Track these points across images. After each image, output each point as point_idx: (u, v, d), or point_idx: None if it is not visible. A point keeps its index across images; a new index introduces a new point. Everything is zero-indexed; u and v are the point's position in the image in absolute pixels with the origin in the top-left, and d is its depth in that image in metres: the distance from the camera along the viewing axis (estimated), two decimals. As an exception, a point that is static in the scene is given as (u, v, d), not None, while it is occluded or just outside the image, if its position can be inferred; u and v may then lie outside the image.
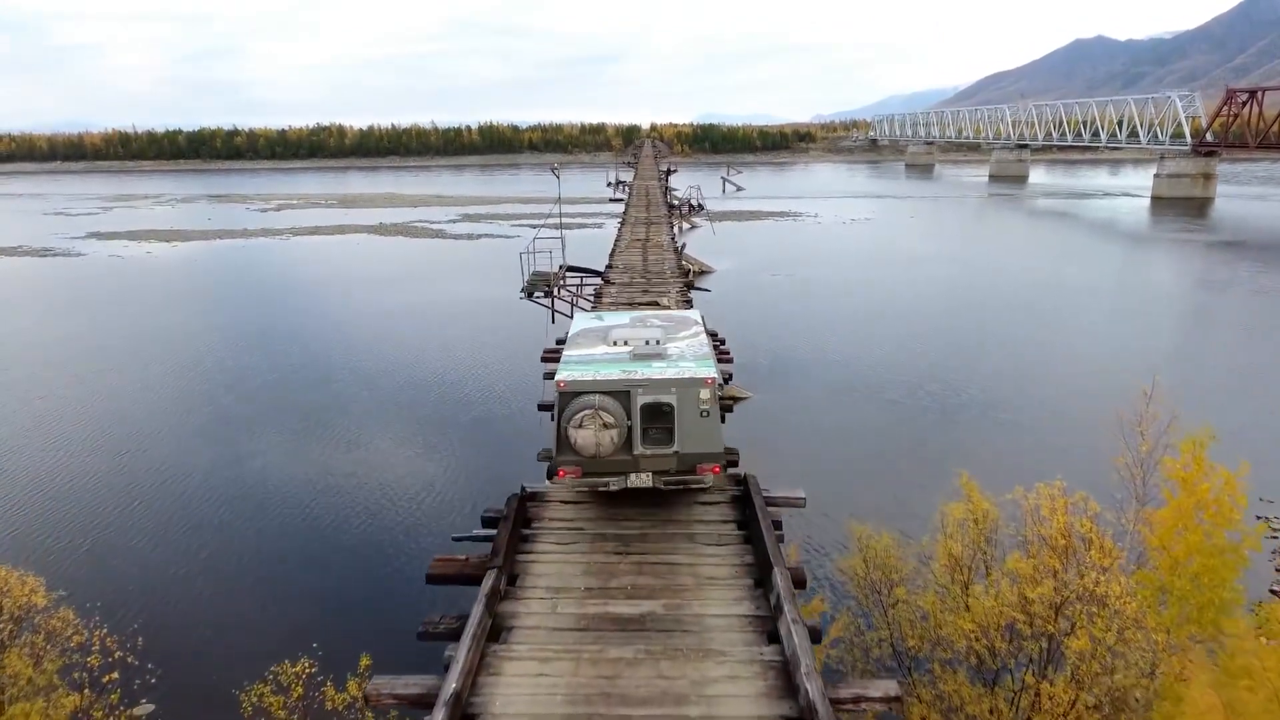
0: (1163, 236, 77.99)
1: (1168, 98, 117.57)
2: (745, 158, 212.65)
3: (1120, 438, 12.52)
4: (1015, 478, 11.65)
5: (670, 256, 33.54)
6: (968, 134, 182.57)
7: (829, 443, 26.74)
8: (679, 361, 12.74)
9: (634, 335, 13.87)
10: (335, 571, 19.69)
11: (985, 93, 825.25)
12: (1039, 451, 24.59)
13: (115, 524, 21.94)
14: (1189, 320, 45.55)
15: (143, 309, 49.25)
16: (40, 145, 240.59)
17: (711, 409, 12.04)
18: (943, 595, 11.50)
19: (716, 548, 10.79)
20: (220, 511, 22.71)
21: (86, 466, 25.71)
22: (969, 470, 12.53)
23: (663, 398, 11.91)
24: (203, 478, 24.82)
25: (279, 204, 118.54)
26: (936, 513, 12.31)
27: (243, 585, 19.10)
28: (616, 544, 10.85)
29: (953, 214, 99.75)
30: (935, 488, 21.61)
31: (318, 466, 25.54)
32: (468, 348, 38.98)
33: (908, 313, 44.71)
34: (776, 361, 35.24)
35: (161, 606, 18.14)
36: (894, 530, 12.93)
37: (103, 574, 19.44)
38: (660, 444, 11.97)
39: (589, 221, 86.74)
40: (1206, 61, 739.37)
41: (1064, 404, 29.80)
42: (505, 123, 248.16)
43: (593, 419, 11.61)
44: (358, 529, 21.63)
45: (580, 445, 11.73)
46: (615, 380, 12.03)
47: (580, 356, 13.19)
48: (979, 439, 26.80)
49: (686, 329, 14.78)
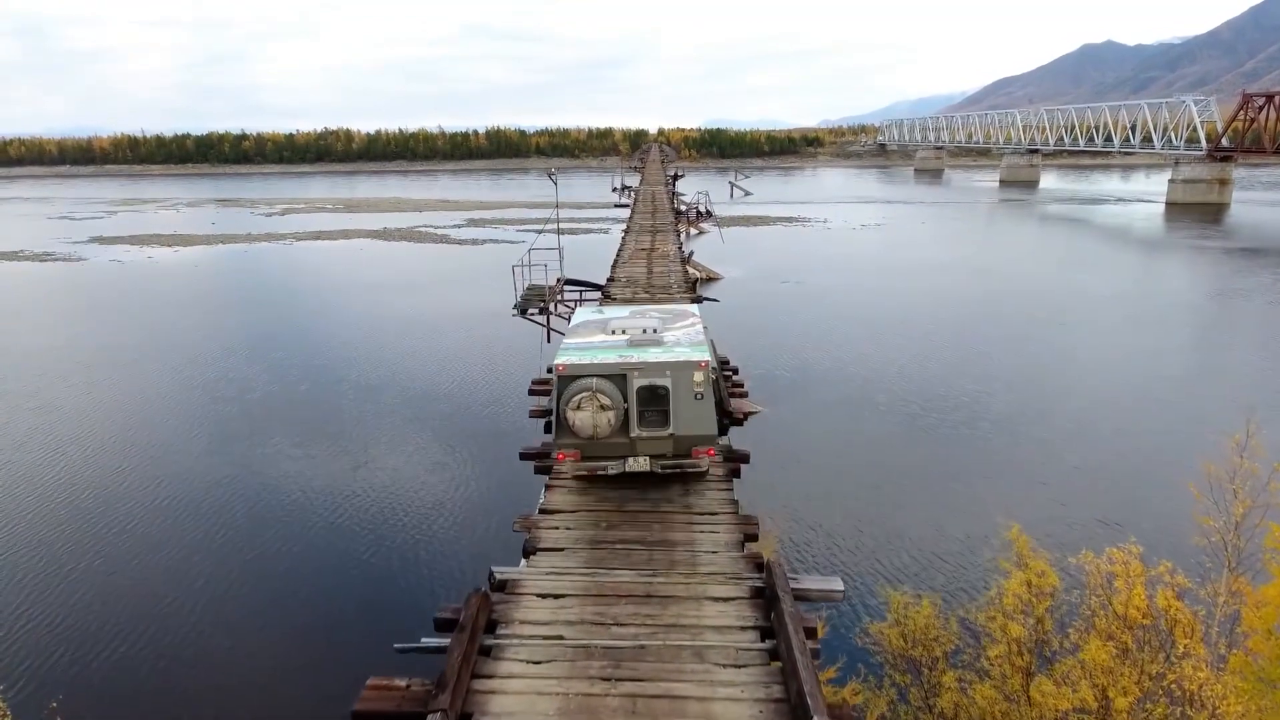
0: (1180, 243, 76.41)
1: (1182, 102, 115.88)
2: (753, 162, 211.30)
3: (1204, 492, 10.57)
4: (1068, 528, 10.28)
5: (677, 268, 31.71)
6: (978, 139, 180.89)
7: (846, 462, 25.26)
8: (674, 347, 13.05)
9: (632, 325, 14.40)
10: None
11: (993, 98, 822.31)
12: (1092, 493, 22.06)
13: (98, 544, 20.85)
14: (1224, 332, 44.05)
15: (133, 316, 48.34)
16: (49, 149, 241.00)
17: (705, 392, 12.36)
18: (1000, 686, 9.67)
19: (733, 670, 8.13)
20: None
21: (67, 484, 24.66)
22: (1014, 515, 11.14)
23: (658, 381, 12.23)
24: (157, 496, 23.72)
25: (284, 208, 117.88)
26: (983, 570, 10.84)
27: (209, 624, 17.95)
28: (605, 663, 8.27)
29: (964, 220, 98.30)
30: (971, 524, 20.02)
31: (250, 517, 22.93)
32: (449, 377, 34.35)
33: (926, 322, 43.37)
34: (789, 373, 33.96)
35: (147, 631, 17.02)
36: (931, 583, 11.53)
37: (78, 593, 18.35)
38: (656, 426, 12.27)
39: (594, 227, 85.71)
40: (1217, 67, 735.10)
41: (1112, 436, 27.04)
42: (513, 127, 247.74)
43: (590, 401, 11.92)
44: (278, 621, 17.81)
45: (578, 427, 12.03)
46: (612, 364, 12.35)
47: (579, 344, 13.50)
48: (1020, 475, 23.85)
49: (684, 320, 15.19)
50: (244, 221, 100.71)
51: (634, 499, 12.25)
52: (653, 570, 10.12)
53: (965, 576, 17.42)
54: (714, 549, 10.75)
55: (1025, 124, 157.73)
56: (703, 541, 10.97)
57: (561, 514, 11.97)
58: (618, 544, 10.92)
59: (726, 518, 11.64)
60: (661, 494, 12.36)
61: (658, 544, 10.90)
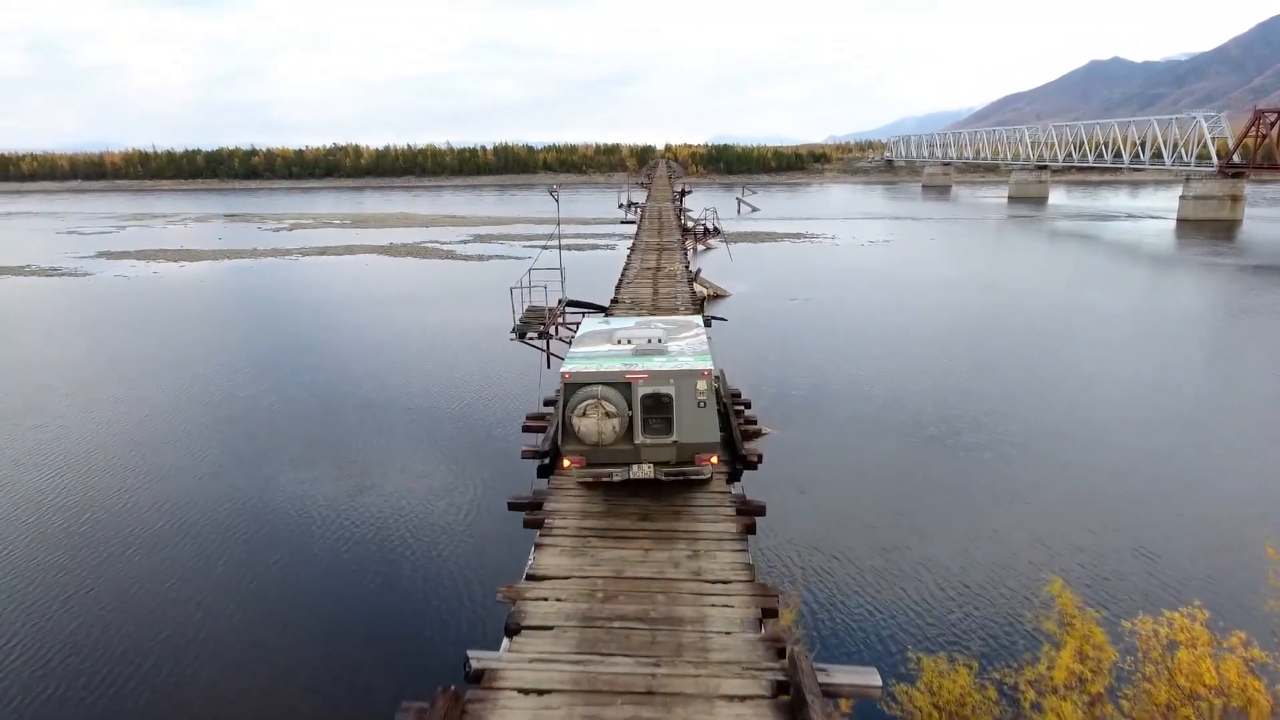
0: (1193, 260, 75.49)
1: (1193, 118, 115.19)
2: (760, 178, 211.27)
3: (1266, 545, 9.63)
4: (1107, 567, 9.38)
5: (684, 289, 30.79)
6: (985, 155, 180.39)
7: (863, 491, 24.35)
8: (678, 356, 13.30)
9: (637, 334, 14.54)
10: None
11: (1000, 114, 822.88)
12: (1131, 527, 20.64)
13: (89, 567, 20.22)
14: (1249, 351, 43.10)
15: (135, 332, 47.97)
16: (61, 164, 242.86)
17: (708, 400, 12.56)
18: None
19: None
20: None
21: (60, 506, 24.07)
22: (1050, 552, 10.26)
23: (662, 389, 12.43)
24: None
25: (291, 224, 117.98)
26: (1023, 626, 9.73)
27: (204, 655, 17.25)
28: None
29: (974, 236, 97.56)
30: (1005, 564, 18.76)
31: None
32: (440, 411, 31.43)
33: (939, 340, 42.56)
34: (799, 392, 33.19)
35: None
36: (963, 637, 10.54)
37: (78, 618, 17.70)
38: (660, 434, 12.44)
39: (601, 243, 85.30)
40: (1224, 83, 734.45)
41: (1142, 460, 25.83)
42: (521, 143, 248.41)
43: (596, 408, 12.18)
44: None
45: (583, 434, 12.29)
46: (617, 372, 12.54)
47: (585, 353, 13.79)
48: (1052, 506, 22.41)
49: (688, 330, 15.48)
50: (251, 237, 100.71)
51: (636, 562, 11.15)
52: (655, 659, 8.76)
53: (1002, 632, 16.14)
54: (727, 628, 9.40)
55: (1034, 140, 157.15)
56: (714, 618, 9.65)
57: (551, 580, 10.65)
58: (615, 621, 9.62)
59: (741, 587, 10.34)
60: (667, 553, 11.34)
61: (661, 621, 9.60)
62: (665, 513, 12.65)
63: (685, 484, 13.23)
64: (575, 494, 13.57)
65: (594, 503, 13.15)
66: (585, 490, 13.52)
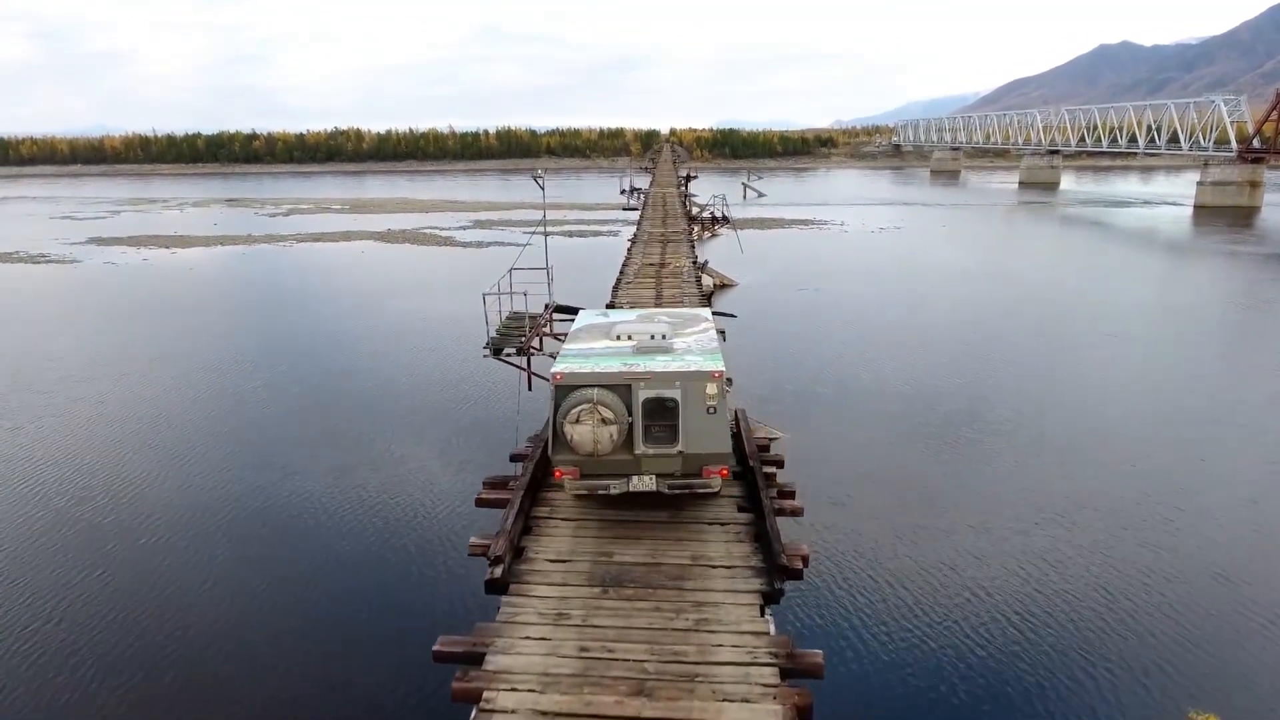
0: (1213, 247, 73.26)
1: (1211, 102, 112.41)
2: (766, 163, 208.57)
3: None
4: None
5: (691, 287, 28.22)
6: (995, 139, 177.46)
7: (882, 499, 22.74)
8: (685, 355, 12.00)
9: (639, 330, 13.24)
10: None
11: (1007, 99, 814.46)
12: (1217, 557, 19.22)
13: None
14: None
15: (118, 322, 46.23)
16: (60, 149, 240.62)
17: (719, 405, 11.28)
18: None
19: None
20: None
21: (55, 514, 22.35)
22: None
23: (666, 392, 11.17)
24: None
25: (289, 208, 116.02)
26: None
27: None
28: None
29: (986, 222, 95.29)
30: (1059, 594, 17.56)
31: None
32: (401, 439, 26.58)
33: (956, 331, 40.65)
34: (811, 392, 31.29)
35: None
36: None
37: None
38: (663, 443, 11.24)
39: (604, 230, 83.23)
40: (1234, 68, 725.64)
41: (1199, 471, 23.93)
42: (524, 127, 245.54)
43: (590, 414, 10.90)
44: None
45: (577, 443, 11.03)
46: (615, 373, 11.31)
47: (580, 350, 12.46)
48: (1121, 532, 20.25)
49: (695, 325, 13.93)
50: (247, 222, 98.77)
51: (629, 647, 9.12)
52: None
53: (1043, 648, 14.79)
54: None
55: (1046, 124, 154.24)
56: None
57: (514, 676, 8.49)
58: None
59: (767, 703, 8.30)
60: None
61: None
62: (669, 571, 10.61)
63: (692, 496, 11.78)
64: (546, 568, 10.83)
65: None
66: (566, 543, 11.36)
